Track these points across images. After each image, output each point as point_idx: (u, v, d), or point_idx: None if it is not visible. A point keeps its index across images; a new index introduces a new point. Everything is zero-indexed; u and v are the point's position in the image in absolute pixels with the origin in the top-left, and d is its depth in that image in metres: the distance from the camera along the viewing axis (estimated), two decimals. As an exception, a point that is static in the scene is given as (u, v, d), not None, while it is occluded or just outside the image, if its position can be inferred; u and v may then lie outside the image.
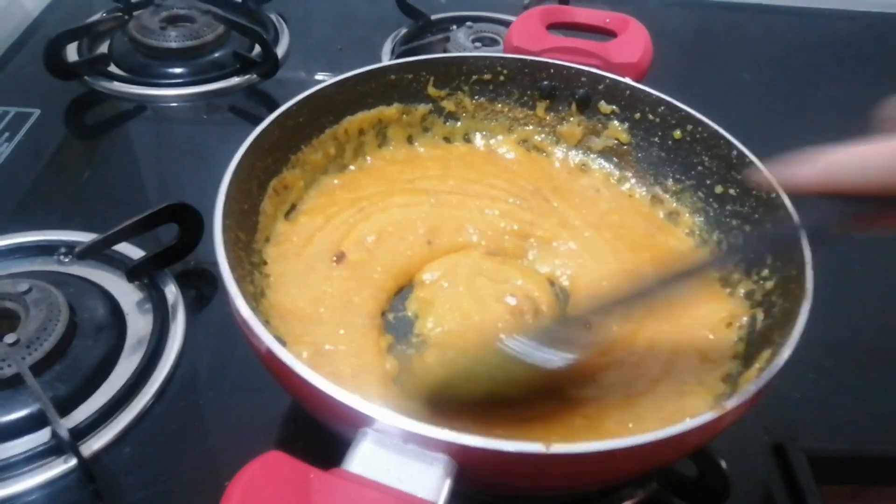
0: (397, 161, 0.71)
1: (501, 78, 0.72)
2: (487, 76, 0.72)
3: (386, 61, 0.86)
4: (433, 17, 1.09)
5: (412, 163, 0.71)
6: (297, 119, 0.63)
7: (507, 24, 1.07)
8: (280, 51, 1.00)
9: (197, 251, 0.66)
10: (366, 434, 0.38)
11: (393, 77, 0.69)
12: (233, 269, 0.47)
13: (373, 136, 0.70)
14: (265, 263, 0.58)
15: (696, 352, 0.55)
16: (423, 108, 0.71)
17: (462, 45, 0.98)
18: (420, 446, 0.37)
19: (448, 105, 0.72)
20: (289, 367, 0.40)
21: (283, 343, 0.51)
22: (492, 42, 1.01)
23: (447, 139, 0.74)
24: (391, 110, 0.70)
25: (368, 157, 0.70)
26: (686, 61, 1.03)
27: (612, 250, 0.64)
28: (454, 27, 1.05)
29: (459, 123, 0.73)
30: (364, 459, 0.37)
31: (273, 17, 1.08)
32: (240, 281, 0.47)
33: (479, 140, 0.74)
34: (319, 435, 0.45)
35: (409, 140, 0.72)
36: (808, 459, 0.59)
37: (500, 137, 0.74)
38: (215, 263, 0.46)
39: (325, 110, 0.65)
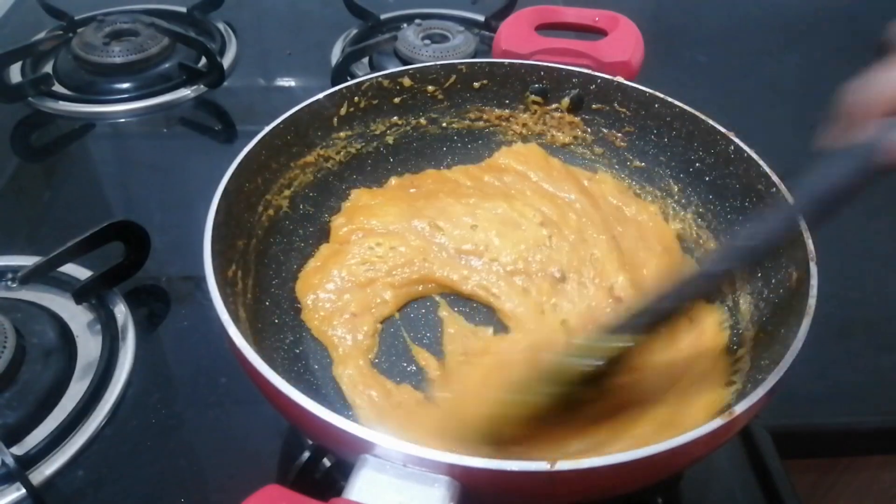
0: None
1: (493, 84, 0.71)
2: (485, 81, 0.70)
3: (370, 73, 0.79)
4: (382, 16, 1.08)
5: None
6: (285, 137, 0.61)
7: (455, 19, 1.07)
8: (227, 59, 1.00)
9: (146, 267, 0.65)
10: (366, 461, 0.37)
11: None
12: (227, 303, 0.45)
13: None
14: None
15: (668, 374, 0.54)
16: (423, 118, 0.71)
17: (412, 42, 0.97)
18: (422, 469, 0.36)
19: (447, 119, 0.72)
20: (287, 397, 0.39)
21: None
22: (441, 38, 1.00)
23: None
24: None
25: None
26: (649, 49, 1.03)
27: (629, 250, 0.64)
28: (404, 25, 1.04)
29: (455, 129, 0.73)
30: (364, 487, 0.36)
31: (221, 25, 1.07)
32: (235, 316, 0.45)
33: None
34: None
35: None
36: (771, 436, 0.59)
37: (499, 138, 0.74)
38: (167, 279, 0.45)
39: (314, 127, 0.64)
